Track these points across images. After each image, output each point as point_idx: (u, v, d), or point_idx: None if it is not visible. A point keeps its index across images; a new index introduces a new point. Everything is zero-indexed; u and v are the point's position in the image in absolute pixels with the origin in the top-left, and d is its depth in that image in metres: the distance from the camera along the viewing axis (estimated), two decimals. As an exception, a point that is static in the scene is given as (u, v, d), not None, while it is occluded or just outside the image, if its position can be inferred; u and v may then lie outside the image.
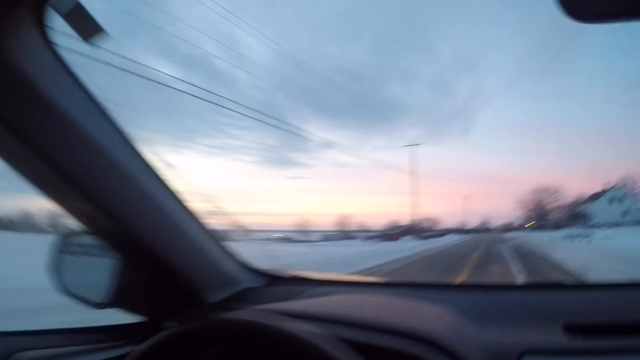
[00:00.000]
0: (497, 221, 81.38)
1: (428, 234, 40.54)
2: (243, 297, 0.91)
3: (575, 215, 44.62)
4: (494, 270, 8.18)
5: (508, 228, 72.22)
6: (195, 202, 0.83)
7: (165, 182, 0.73)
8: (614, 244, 12.12)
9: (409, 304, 0.77)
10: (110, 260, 0.75)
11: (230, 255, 0.93)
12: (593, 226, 30.42)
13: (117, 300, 0.75)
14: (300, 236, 54.70)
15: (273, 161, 74.70)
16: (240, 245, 1.12)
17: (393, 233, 38.98)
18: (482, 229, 76.72)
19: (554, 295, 0.84)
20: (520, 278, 6.33)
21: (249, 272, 1.00)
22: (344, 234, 55.75)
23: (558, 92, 79.74)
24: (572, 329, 0.63)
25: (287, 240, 41.57)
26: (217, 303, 0.85)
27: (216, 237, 0.87)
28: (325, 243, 33.03)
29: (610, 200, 41.00)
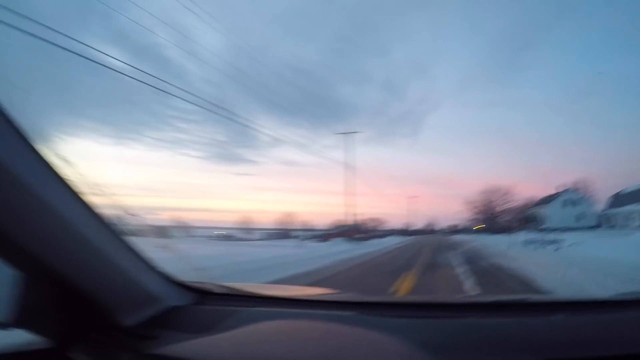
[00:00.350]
0: (444, 223, 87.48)
1: (366, 235, 39.43)
2: (165, 318, 0.81)
3: (526, 218, 43.04)
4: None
5: (455, 230, 74.87)
6: (114, 207, 0.76)
7: (73, 188, 0.62)
8: (589, 253, 10.57)
9: (356, 338, 0.69)
10: (13, 273, 0.63)
11: (152, 269, 0.83)
12: (546, 230, 28.35)
13: (21, 320, 0.64)
14: (241, 234, 54.30)
15: (221, 157, 74.56)
16: (166, 253, 1.00)
17: (332, 234, 37.52)
18: (428, 231, 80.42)
19: (526, 320, 0.78)
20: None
21: (174, 288, 0.89)
22: (285, 233, 54.94)
23: (507, 100, 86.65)
24: None
25: (225, 238, 41.44)
26: (134, 327, 0.75)
27: (135, 247, 0.77)
28: (257, 242, 31.90)
29: (564, 203, 39.61)
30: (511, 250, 13.63)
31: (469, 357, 0.61)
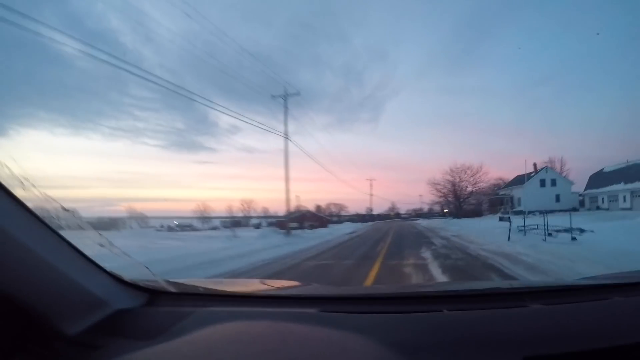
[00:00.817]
0: (407, 207, 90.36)
1: (318, 222, 38.80)
2: (113, 324, 0.75)
3: (498, 200, 39.86)
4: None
5: (420, 214, 79.87)
6: (48, 202, 0.71)
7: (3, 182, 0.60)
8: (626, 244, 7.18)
9: (321, 339, 0.66)
10: None
11: (94, 268, 0.77)
12: (523, 212, 25.12)
13: None
14: (199, 224, 53.84)
15: (180, 145, 73.87)
16: (111, 249, 0.85)
17: (284, 221, 33.71)
18: (391, 216, 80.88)
19: (501, 312, 0.77)
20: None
21: (121, 288, 0.83)
22: (243, 221, 55.60)
23: (465, 87, 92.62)
24: None
25: (181, 228, 40.49)
26: (78, 335, 0.69)
27: (73, 245, 0.72)
28: (207, 233, 30.08)
29: (542, 183, 35.90)
30: (520, 245, 8.97)
31: (445, 356, 0.59)
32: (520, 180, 37.93)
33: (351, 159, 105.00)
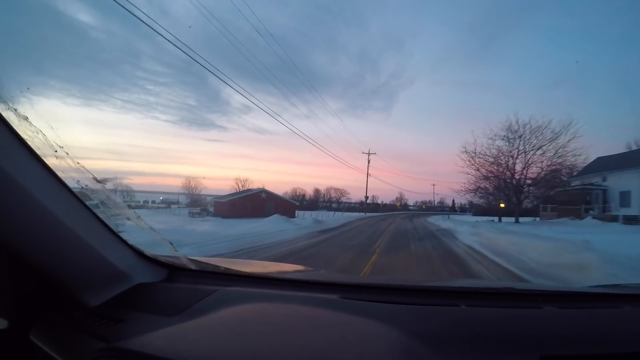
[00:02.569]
0: (416, 199, 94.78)
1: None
2: (133, 297, 0.82)
3: (581, 194, 25.34)
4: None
5: (429, 207, 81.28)
6: (78, 173, 0.78)
7: (31, 150, 0.65)
8: None
9: (344, 325, 0.71)
10: None
11: (118, 242, 0.85)
12: (636, 218, 19.17)
13: None
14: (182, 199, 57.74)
15: (191, 121, 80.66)
16: (134, 224, 0.92)
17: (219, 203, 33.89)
18: (398, 206, 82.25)
19: (517, 311, 0.83)
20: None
21: (142, 263, 0.91)
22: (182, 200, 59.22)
23: (480, 81, 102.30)
24: None
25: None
26: (99, 307, 0.77)
27: (99, 218, 0.78)
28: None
29: None
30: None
31: (465, 349, 0.64)
32: (622, 161, 24.17)
33: (360, 146, 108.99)
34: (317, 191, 76.64)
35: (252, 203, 31.03)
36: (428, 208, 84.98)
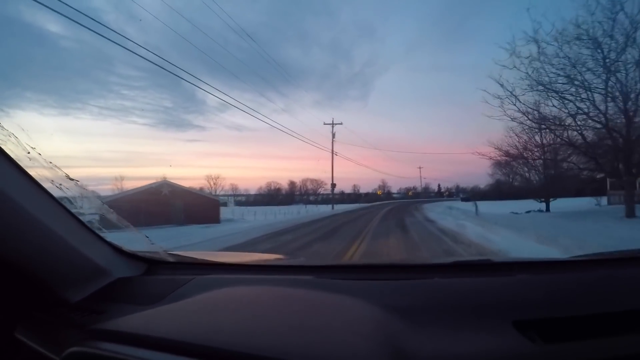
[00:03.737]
0: (401, 184, 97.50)
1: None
2: (113, 291, 0.89)
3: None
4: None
5: (415, 193, 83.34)
6: (53, 175, 0.86)
7: (7, 155, 0.70)
8: None
9: (318, 301, 0.76)
10: None
11: (96, 239, 0.91)
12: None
13: None
14: None
15: (169, 123, 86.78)
16: (112, 222, 1.03)
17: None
18: (380, 194, 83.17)
19: (491, 280, 0.90)
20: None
21: (121, 258, 0.98)
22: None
23: (454, 65, 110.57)
24: (524, 327, 0.65)
25: None
26: (80, 302, 0.83)
27: (77, 217, 0.85)
28: None
29: None
30: None
31: (437, 319, 0.68)
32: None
33: (339, 137, 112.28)
34: (292, 184, 76.82)
35: (147, 204, 20.93)
36: (415, 194, 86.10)
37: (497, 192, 45.00)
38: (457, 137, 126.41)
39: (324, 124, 37.38)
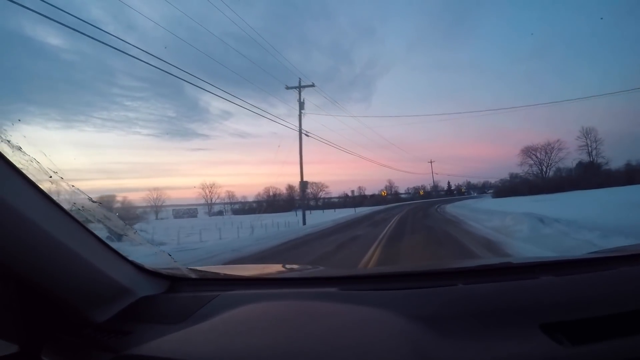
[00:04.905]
0: (409, 185, 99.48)
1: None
2: (138, 310, 0.94)
3: None
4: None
5: (427, 192, 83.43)
6: (72, 194, 0.92)
7: (27, 177, 0.75)
8: None
9: (345, 315, 0.80)
10: None
11: (118, 258, 0.97)
12: None
13: None
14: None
15: (173, 133, 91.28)
16: (131, 240, 1.10)
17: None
18: (385, 195, 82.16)
19: (514, 283, 0.93)
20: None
21: (144, 277, 1.04)
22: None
23: (455, 63, 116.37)
24: (551, 329, 0.68)
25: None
26: (106, 323, 0.87)
27: (98, 237, 0.90)
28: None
29: None
30: None
31: (464, 327, 0.71)
32: None
33: (344, 139, 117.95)
34: (290, 189, 76.71)
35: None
36: (426, 194, 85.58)
37: (528, 186, 45.18)
38: (463, 133, 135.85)
39: (287, 87, 25.10)
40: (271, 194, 78.10)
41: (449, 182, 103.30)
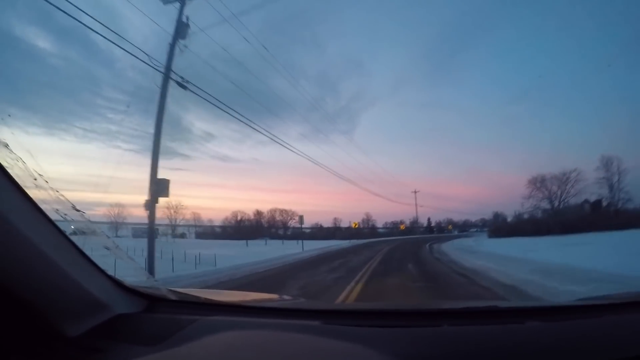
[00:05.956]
0: (387, 219, 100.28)
1: None
2: (113, 328, 0.93)
3: None
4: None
5: (412, 228, 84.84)
6: (55, 202, 0.92)
7: (9, 178, 0.75)
8: None
9: (325, 350, 0.82)
10: None
11: (97, 272, 0.96)
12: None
13: None
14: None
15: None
16: (111, 254, 1.11)
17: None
18: (364, 230, 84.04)
19: (502, 327, 0.98)
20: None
21: (122, 293, 1.04)
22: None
23: (442, 101, 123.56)
24: None
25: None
26: (78, 338, 0.86)
27: (77, 248, 0.90)
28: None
29: None
30: None
31: None
32: None
33: (323, 171, 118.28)
34: (259, 214, 75.61)
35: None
36: (407, 230, 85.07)
37: (534, 224, 40.37)
38: (445, 171, 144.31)
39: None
40: (239, 218, 76.98)
41: (429, 219, 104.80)
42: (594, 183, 46.55)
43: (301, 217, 34.76)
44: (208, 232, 75.02)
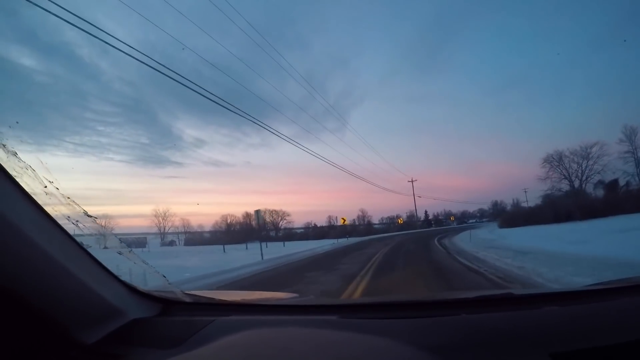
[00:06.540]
0: (383, 214, 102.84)
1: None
2: (129, 333, 0.96)
3: None
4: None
5: (409, 224, 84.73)
6: (69, 211, 0.96)
7: (22, 189, 0.78)
8: None
9: (344, 343, 0.84)
10: None
11: (111, 278, 1.00)
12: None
13: None
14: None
15: (146, 160, 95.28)
16: (125, 260, 1.12)
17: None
18: (360, 227, 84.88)
19: (519, 313, 1.02)
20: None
21: (136, 298, 1.08)
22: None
23: (429, 94, 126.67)
24: (562, 359, 0.74)
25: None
26: (95, 344, 0.89)
27: (91, 255, 0.94)
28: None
29: None
30: None
31: (473, 357, 0.76)
32: None
33: (316, 169, 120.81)
34: (247, 216, 74.72)
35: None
36: (406, 225, 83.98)
37: (554, 210, 37.12)
38: (441, 162, 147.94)
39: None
40: (228, 222, 76.65)
41: (426, 212, 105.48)
42: (618, 158, 41.99)
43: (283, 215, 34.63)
44: (197, 239, 74.61)
